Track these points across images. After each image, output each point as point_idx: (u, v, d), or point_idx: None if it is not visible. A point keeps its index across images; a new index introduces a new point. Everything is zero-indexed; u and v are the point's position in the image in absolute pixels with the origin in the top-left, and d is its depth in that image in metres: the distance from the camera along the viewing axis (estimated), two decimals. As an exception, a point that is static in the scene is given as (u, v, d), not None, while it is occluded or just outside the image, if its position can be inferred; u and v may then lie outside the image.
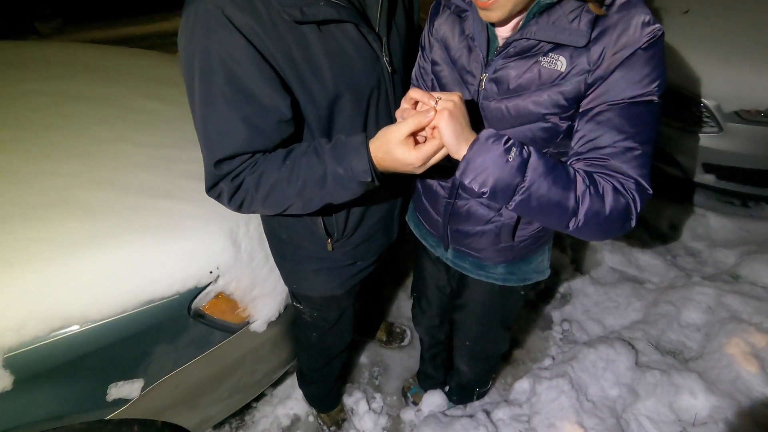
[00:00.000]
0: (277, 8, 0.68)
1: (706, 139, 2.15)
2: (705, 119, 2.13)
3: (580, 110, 0.70)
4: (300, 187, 0.76)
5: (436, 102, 0.66)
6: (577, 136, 0.71)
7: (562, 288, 2.13)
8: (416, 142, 0.69)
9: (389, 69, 0.84)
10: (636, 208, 0.68)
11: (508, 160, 0.65)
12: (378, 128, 0.87)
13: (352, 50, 0.77)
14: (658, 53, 0.64)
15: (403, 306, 2.08)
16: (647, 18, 0.64)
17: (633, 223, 0.69)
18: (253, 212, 0.84)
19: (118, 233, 1.05)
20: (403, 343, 1.94)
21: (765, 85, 1.96)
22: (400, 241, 1.24)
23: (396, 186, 1.03)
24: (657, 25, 0.63)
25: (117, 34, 4.88)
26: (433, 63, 0.85)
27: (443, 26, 0.82)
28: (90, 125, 1.35)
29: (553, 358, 1.83)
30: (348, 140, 0.75)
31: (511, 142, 0.67)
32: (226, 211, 1.20)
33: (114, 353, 1.03)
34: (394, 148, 0.69)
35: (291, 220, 0.99)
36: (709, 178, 2.28)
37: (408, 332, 1.97)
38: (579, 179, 0.67)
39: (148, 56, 1.98)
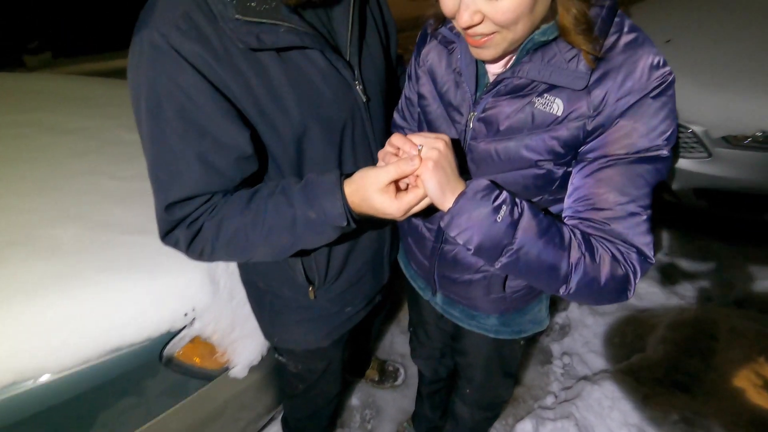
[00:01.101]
0: (230, 36, 0.61)
1: (696, 165, 2.15)
2: (693, 145, 2.13)
3: (578, 157, 0.64)
4: (266, 233, 0.68)
5: (419, 149, 0.61)
6: (573, 188, 0.65)
7: (560, 319, 2.06)
8: (398, 189, 0.64)
9: (364, 98, 0.77)
10: (635, 279, 0.62)
11: (496, 220, 0.60)
12: (355, 162, 0.81)
13: (319, 79, 0.70)
14: (669, 101, 0.58)
15: (396, 341, 1.99)
16: (656, 60, 0.57)
17: (630, 295, 0.62)
18: (216, 260, 0.75)
19: (84, 273, 0.97)
20: (396, 383, 1.83)
21: (751, 111, 1.98)
22: (393, 280, 1.15)
23: (383, 223, 0.95)
24: (667, 68, 0.57)
25: (108, 66, 4.88)
26: (420, 96, 0.80)
27: (430, 55, 0.77)
28: (64, 158, 1.28)
29: (556, 396, 1.73)
30: (320, 180, 0.68)
31: (501, 199, 0.61)
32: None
33: (77, 408, 0.93)
34: (372, 195, 0.63)
35: (267, 267, 0.90)
36: (701, 204, 2.26)
37: (402, 370, 1.87)
38: (574, 244, 0.61)
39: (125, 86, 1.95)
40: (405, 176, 0.62)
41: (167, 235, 0.70)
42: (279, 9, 0.63)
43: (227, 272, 1.15)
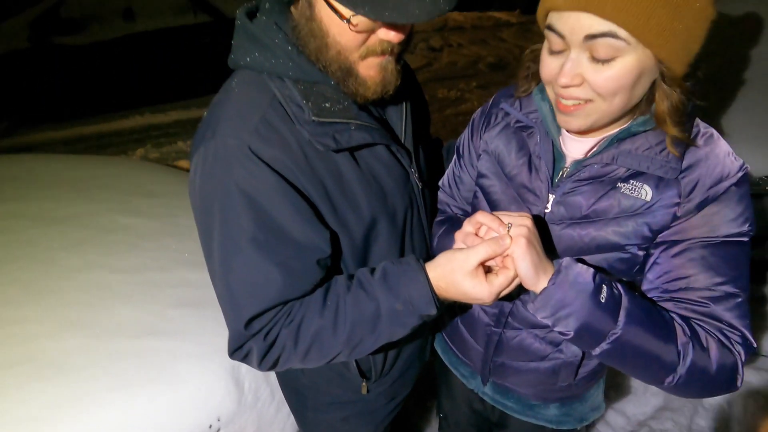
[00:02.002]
0: (307, 138, 0.60)
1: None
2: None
3: (660, 240, 0.63)
4: (348, 333, 0.64)
5: (508, 228, 0.59)
6: (659, 269, 0.63)
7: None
8: (484, 271, 0.61)
9: (419, 184, 0.77)
10: (742, 366, 0.58)
11: (599, 301, 0.56)
12: (413, 248, 0.79)
13: (384, 172, 0.70)
14: (748, 189, 0.60)
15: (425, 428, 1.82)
16: (732, 152, 0.61)
17: (740, 384, 0.59)
18: (285, 368, 0.69)
19: (95, 393, 0.85)
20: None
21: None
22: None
23: None
24: (742, 161, 0.60)
25: (70, 134, 4.73)
26: (481, 175, 0.79)
27: (496, 139, 0.77)
28: (57, 252, 1.17)
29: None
30: (401, 268, 0.65)
31: (600, 276, 0.58)
32: (225, 342, 1.05)
33: None
34: (461, 279, 0.60)
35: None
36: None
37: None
38: (678, 328, 0.58)
39: (117, 164, 1.85)
40: (495, 257, 0.59)
41: (239, 349, 0.64)
42: (350, 107, 0.63)
43: (251, 369, 1.05)
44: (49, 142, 4.40)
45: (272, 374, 1.09)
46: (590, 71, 0.53)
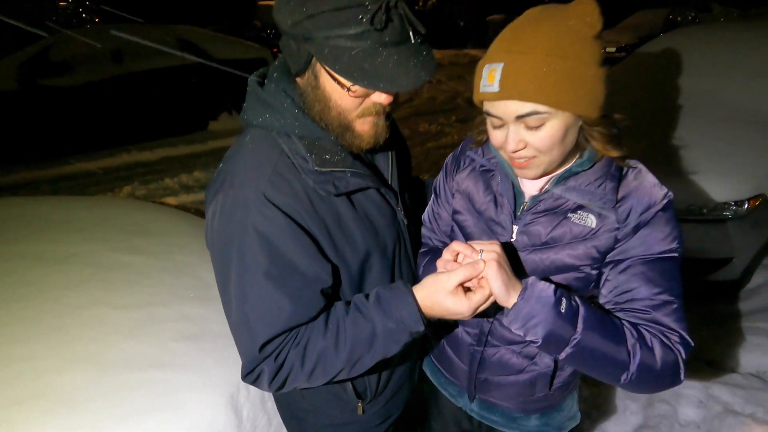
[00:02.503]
0: (312, 185, 0.71)
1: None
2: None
3: (608, 260, 0.74)
4: (349, 351, 0.72)
5: (480, 253, 0.69)
6: (609, 285, 0.74)
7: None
8: (464, 290, 0.71)
9: (405, 221, 0.88)
10: (683, 362, 0.69)
11: (560, 312, 0.67)
12: (402, 276, 0.90)
13: (375, 212, 0.81)
14: (674, 214, 0.73)
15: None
16: (657, 182, 0.73)
17: (682, 378, 0.70)
18: (291, 388, 0.76)
19: (102, 425, 0.89)
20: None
21: (682, 189, 2.31)
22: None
23: None
24: (666, 189, 0.73)
25: (55, 173, 4.73)
26: (456, 212, 0.90)
27: (466, 181, 0.89)
28: (59, 291, 1.22)
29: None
30: (391, 293, 0.74)
31: (560, 292, 0.68)
32: (225, 373, 1.10)
33: None
34: (444, 298, 0.69)
35: (316, 387, 0.91)
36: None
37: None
38: (627, 331, 0.69)
39: (111, 203, 1.92)
40: (472, 278, 0.69)
41: (251, 372, 0.72)
42: (346, 158, 0.75)
43: (249, 399, 1.10)
44: (33, 182, 4.39)
45: (269, 402, 1.15)
46: (528, 136, 0.66)
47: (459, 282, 0.68)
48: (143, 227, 1.64)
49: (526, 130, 0.66)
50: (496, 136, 0.71)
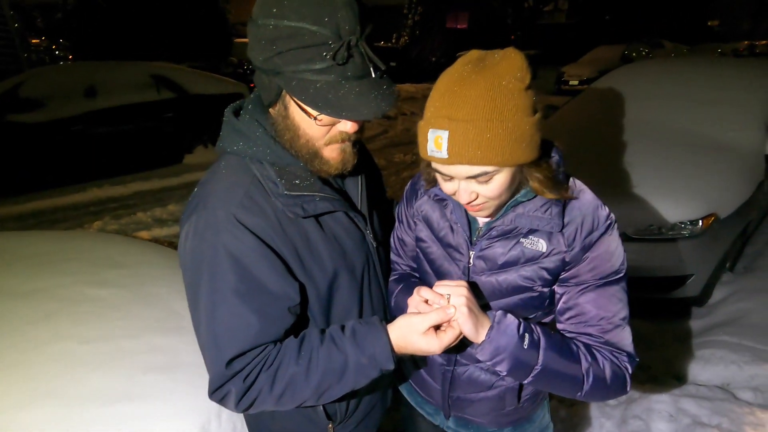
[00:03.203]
0: (281, 208, 0.75)
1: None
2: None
3: (561, 281, 0.81)
4: (319, 380, 0.74)
5: (448, 298, 0.74)
6: (564, 310, 0.81)
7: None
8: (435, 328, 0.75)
9: (374, 244, 0.92)
10: (630, 376, 0.78)
11: (523, 347, 0.74)
12: (371, 299, 0.93)
13: (343, 234, 0.85)
14: (617, 234, 0.78)
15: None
16: (601, 204, 0.79)
17: (629, 388, 0.79)
18: (259, 410, 0.77)
19: (67, 461, 0.86)
20: None
21: (643, 210, 2.43)
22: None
23: None
24: (608, 210, 0.79)
25: (22, 209, 4.60)
26: (419, 240, 0.95)
27: (424, 206, 0.93)
28: (24, 326, 1.19)
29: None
30: (367, 328, 0.77)
31: (523, 327, 0.76)
32: (196, 401, 1.09)
33: None
34: (416, 339, 0.74)
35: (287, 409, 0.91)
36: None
37: None
38: (582, 356, 0.77)
39: (82, 237, 1.89)
40: (443, 322, 0.74)
41: (218, 389, 0.73)
42: (315, 183, 0.79)
43: (221, 427, 1.08)
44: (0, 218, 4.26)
45: (239, 425, 1.13)
46: (479, 189, 0.72)
47: (431, 325, 0.73)
48: (113, 260, 1.62)
49: (477, 183, 0.71)
50: (447, 187, 0.76)
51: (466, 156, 0.65)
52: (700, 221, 2.35)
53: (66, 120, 4.93)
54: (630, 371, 0.78)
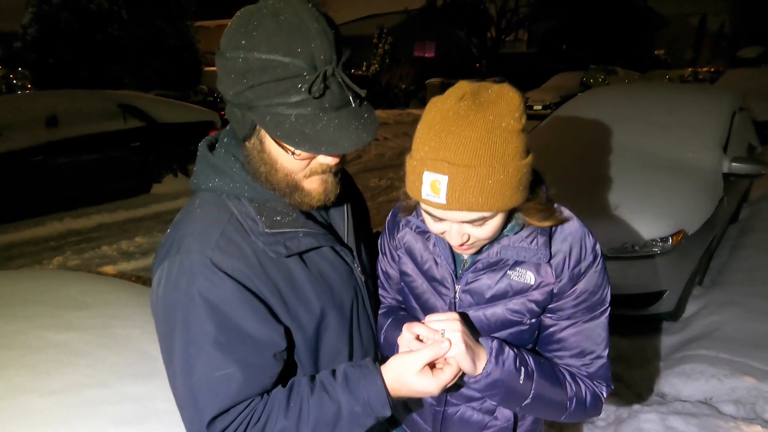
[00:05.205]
0: (261, 247, 0.70)
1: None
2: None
3: (548, 311, 0.80)
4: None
5: (442, 333, 0.70)
6: (548, 339, 0.82)
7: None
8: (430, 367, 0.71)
9: (362, 277, 0.87)
10: (603, 402, 0.84)
11: (520, 381, 0.74)
12: (361, 337, 0.87)
13: (330, 270, 0.80)
14: (603, 264, 0.78)
15: None
16: (588, 233, 0.78)
17: (600, 411, 0.85)
18: None
19: None
20: None
21: (615, 229, 2.50)
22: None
23: None
24: (595, 240, 0.78)
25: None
26: (404, 274, 0.91)
27: (406, 238, 0.90)
28: (-25, 380, 1.07)
29: None
30: (360, 372, 0.72)
31: (519, 361, 0.75)
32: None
33: None
34: (411, 379, 0.69)
35: None
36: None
37: None
38: (567, 385, 0.80)
39: (42, 276, 1.76)
40: (439, 358, 0.69)
41: None
42: (298, 218, 0.74)
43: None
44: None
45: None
46: (472, 230, 0.70)
47: (425, 363, 0.69)
48: (77, 300, 1.50)
49: (471, 226, 0.69)
50: (435, 227, 0.73)
51: (467, 203, 0.62)
52: (671, 238, 2.43)
53: (24, 150, 4.70)
54: (605, 397, 0.83)
